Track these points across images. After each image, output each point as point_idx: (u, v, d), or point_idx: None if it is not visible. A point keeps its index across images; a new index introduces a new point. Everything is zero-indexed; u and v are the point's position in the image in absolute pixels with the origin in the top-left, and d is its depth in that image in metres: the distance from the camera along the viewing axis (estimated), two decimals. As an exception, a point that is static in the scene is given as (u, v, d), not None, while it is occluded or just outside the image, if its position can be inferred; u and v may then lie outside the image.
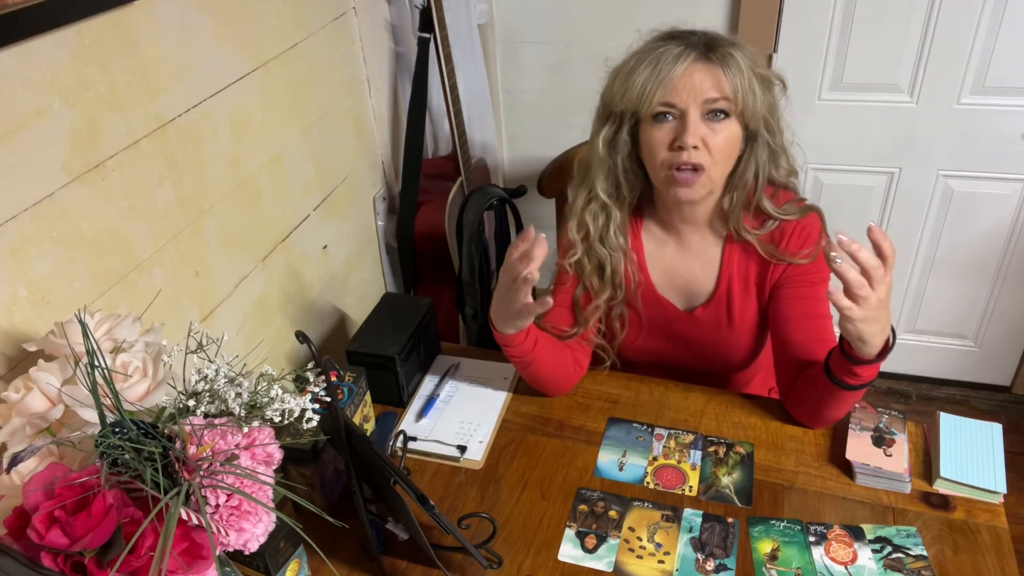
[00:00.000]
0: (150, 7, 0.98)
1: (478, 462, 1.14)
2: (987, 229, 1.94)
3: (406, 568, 0.99)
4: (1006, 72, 1.72)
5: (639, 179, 1.14)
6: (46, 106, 0.85)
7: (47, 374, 0.73)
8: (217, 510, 0.69)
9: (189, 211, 1.10)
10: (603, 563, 0.97)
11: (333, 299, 1.55)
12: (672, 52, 0.99)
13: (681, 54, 0.99)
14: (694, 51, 0.99)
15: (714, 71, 0.99)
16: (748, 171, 1.07)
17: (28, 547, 0.61)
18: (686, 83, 0.99)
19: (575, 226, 1.15)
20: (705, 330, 1.20)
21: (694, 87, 0.99)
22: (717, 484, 1.06)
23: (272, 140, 1.29)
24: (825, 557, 0.94)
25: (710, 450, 1.11)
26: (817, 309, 1.10)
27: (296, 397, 0.78)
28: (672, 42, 1.01)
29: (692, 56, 0.99)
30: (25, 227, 0.85)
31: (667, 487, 1.06)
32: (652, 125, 1.03)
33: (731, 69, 0.99)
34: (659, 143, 1.03)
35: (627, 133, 1.08)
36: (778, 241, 1.11)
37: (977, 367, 2.16)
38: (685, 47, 1.00)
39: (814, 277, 1.11)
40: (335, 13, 1.46)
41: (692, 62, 0.99)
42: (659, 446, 1.13)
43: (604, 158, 1.10)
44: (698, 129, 1.00)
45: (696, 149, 1.00)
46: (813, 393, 1.06)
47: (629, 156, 1.11)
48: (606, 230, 1.14)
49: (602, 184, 1.12)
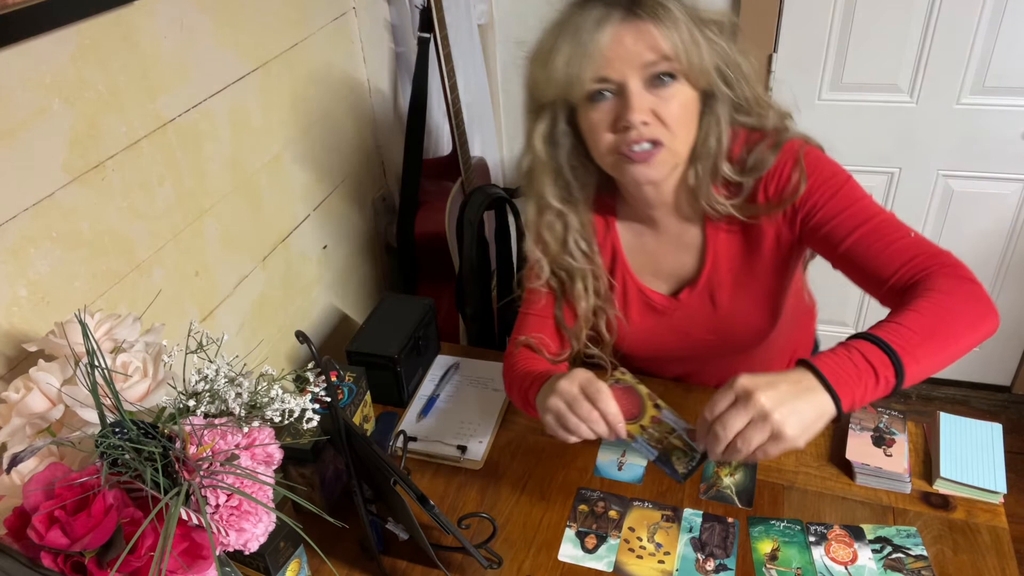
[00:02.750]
0: (150, 7, 0.98)
1: (478, 462, 1.14)
2: (987, 229, 1.94)
3: (406, 568, 0.99)
4: (1006, 72, 1.72)
5: (592, 173, 1.00)
6: (46, 106, 0.85)
7: (47, 374, 0.73)
8: (217, 510, 0.69)
9: (189, 211, 1.10)
10: (603, 563, 0.97)
11: (333, 299, 1.55)
12: (592, 16, 0.84)
13: (603, 17, 0.84)
14: (617, 9, 0.84)
15: (646, 29, 0.84)
16: (711, 136, 0.92)
17: (28, 547, 0.61)
18: (616, 50, 0.84)
19: (533, 242, 1.03)
20: (696, 314, 1.08)
21: (627, 53, 0.84)
22: (718, 484, 1.06)
23: (272, 140, 1.29)
24: (825, 557, 0.94)
25: (710, 450, 1.11)
26: (861, 215, 0.91)
27: (296, 397, 0.78)
28: (590, 4, 0.86)
29: (616, 16, 0.84)
30: (25, 227, 0.85)
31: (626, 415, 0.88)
32: (589, 107, 0.89)
33: (665, 22, 0.84)
34: (601, 126, 0.89)
35: (564, 123, 0.95)
36: (761, 196, 0.95)
37: (977, 367, 2.16)
38: (606, 7, 0.84)
39: (829, 189, 0.92)
40: (335, 13, 1.46)
41: (618, 24, 0.84)
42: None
43: (546, 159, 0.97)
44: (643, 101, 0.85)
45: (647, 125, 0.86)
46: None
47: (574, 150, 0.97)
48: (566, 240, 1.02)
49: (551, 189, 0.99)
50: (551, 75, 0.88)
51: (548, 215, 1.01)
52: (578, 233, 1.02)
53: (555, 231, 1.01)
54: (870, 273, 0.89)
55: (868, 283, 0.90)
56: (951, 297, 0.81)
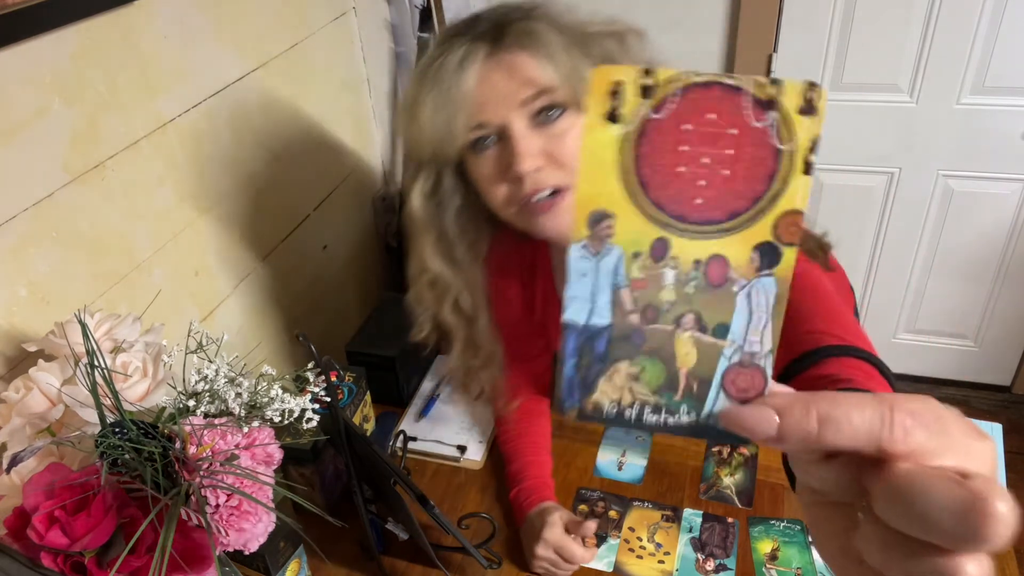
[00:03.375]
0: (150, 7, 0.98)
1: (478, 462, 1.14)
2: (987, 229, 1.94)
3: (406, 568, 0.99)
4: (1006, 72, 1.72)
5: (485, 231, 0.91)
6: (46, 106, 0.85)
7: (47, 374, 0.73)
8: (217, 510, 0.69)
9: (189, 211, 1.10)
10: (603, 563, 0.97)
11: (333, 299, 1.55)
12: (454, 58, 0.73)
13: (466, 56, 0.73)
14: (481, 45, 0.74)
15: (517, 61, 0.73)
16: None
17: (28, 547, 0.61)
18: (486, 91, 0.73)
19: (412, 300, 0.94)
20: None
21: (499, 92, 0.73)
22: (718, 484, 1.06)
23: (272, 140, 1.29)
24: (825, 557, 0.94)
25: (713, 450, 1.11)
26: None
27: (296, 397, 0.78)
28: (453, 43, 0.75)
29: (481, 53, 0.73)
30: (25, 227, 0.85)
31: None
32: (473, 158, 0.79)
33: (537, 50, 0.72)
34: (490, 178, 0.78)
35: (452, 178, 0.84)
36: None
37: (977, 367, 2.16)
38: (469, 43, 0.74)
39: None
40: (335, 13, 1.46)
41: (484, 60, 0.73)
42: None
43: (426, 221, 0.86)
44: (530, 144, 0.74)
45: (540, 171, 0.75)
46: None
47: (462, 210, 0.87)
48: (443, 302, 0.93)
49: (431, 251, 0.88)
50: (421, 131, 0.76)
51: (427, 276, 0.91)
52: (462, 294, 0.92)
53: (435, 291, 0.92)
54: None
55: None
56: None
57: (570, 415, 0.34)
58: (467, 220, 0.88)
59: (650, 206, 0.32)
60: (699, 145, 0.31)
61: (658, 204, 0.32)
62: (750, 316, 0.32)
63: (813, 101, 0.30)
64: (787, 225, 0.31)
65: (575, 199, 0.32)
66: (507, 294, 1.01)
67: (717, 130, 0.31)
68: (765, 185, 0.31)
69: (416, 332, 0.98)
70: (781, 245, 0.32)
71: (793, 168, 0.31)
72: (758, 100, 0.31)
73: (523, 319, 1.05)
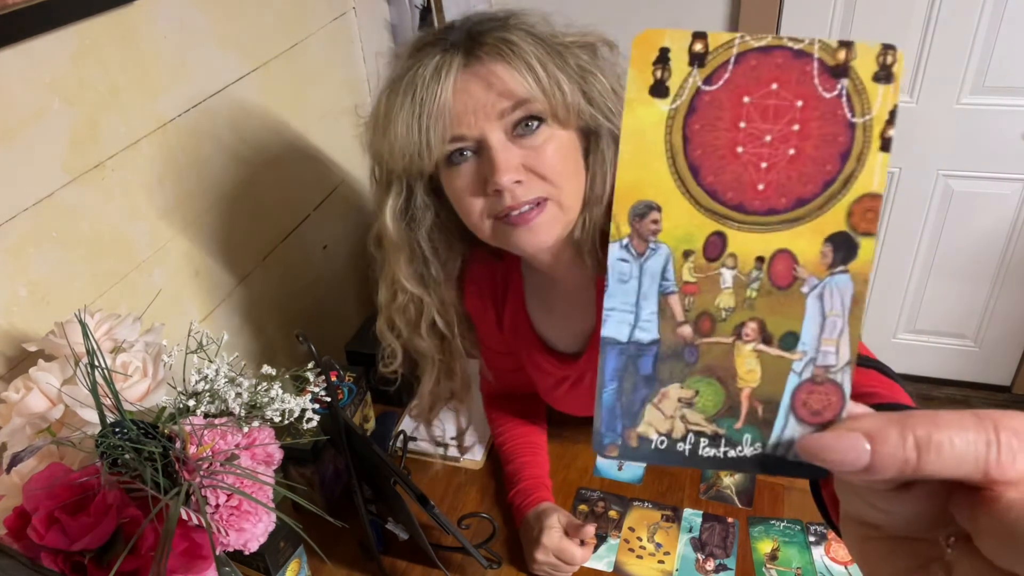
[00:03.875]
0: (150, 7, 0.98)
1: (478, 462, 1.14)
2: (987, 229, 1.94)
3: (406, 568, 0.99)
4: (1006, 72, 1.72)
5: (457, 249, 0.89)
6: (46, 106, 0.85)
7: (47, 374, 0.73)
8: (217, 510, 0.69)
9: (189, 211, 1.10)
10: (603, 563, 0.97)
11: (333, 299, 1.55)
12: (429, 67, 0.71)
13: (441, 65, 0.70)
14: (456, 54, 0.71)
15: (494, 72, 0.70)
16: (597, 178, 0.77)
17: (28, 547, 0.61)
18: (464, 102, 0.70)
19: (384, 326, 0.92)
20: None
21: (476, 103, 0.70)
22: (719, 484, 1.06)
23: (272, 140, 1.29)
24: (825, 557, 0.94)
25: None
26: None
27: (296, 397, 0.78)
28: (425, 52, 0.72)
29: (457, 62, 0.70)
30: (25, 227, 0.85)
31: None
32: (448, 172, 0.76)
33: (514, 61, 0.70)
34: (466, 192, 0.75)
35: (424, 195, 0.82)
36: None
37: (977, 367, 2.16)
38: (443, 53, 0.71)
39: None
40: (335, 13, 1.46)
41: (460, 71, 0.70)
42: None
43: (399, 239, 0.83)
44: (510, 157, 0.71)
45: (520, 184, 0.72)
46: None
47: (435, 226, 0.84)
48: (419, 324, 0.90)
49: (405, 271, 0.86)
50: (393, 144, 0.73)
51: (401, 298, 0.89)
52: (436, 313, 0.90)
53: (408, 315, 0.90)
54: None
55: None
56: None
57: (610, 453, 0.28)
58: (440, 238, 0.86)
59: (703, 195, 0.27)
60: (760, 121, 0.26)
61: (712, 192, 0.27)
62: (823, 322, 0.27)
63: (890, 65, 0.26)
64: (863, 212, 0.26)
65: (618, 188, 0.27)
66: (483, 313, 0.99)
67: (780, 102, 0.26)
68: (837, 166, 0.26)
69: (386, 364, 0.94)
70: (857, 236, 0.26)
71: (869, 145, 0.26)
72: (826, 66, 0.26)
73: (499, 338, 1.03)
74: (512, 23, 0.73)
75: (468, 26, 0.73)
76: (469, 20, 0.74)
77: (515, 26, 0.72)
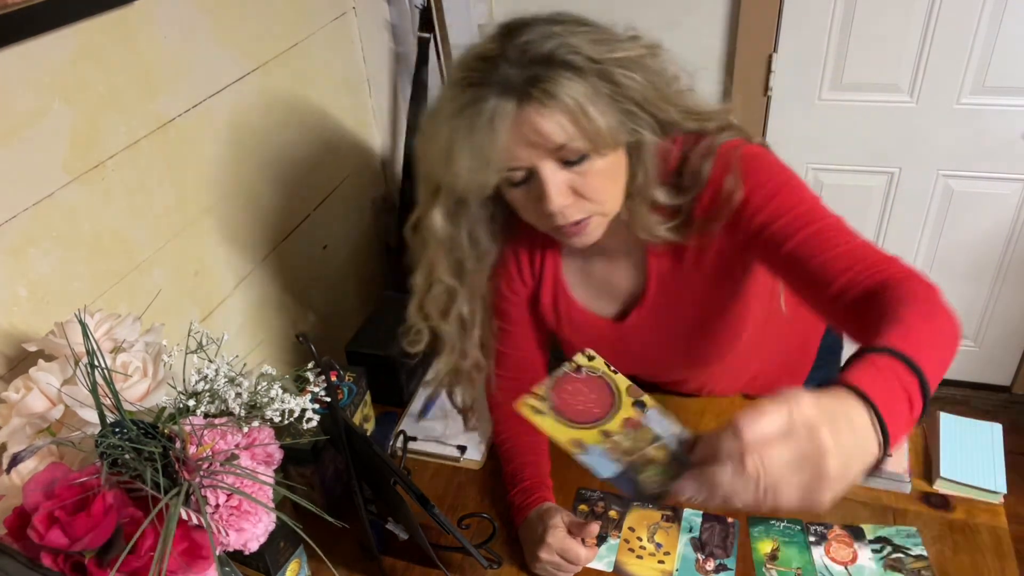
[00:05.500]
0: (150, 7, 0.98)
1: (478, 462, 1.14)
2: (987, 229, 1.94)
3: (406, 568, 0.99)
4: (1006, 72, 1.72)
5: (503, 232, 0.96)
6: (46, 106, 0.85)
7: (47, 374, 0.73)
8: (217, 510, 0.69)
9: (189, 211, 1.10)
10: (603, 563, 0.97)
11: (333, 299, 1.55)
12: (485, 113, 0.76)
13: (496, 112, 0.75)
14: (510, 100, 0.75)
15: (543, 116, 0.75)
16: (638, 174, 0.84)
17: (28, 547, 0.61)
18: (518, 141, 0.77)
19: (415, 310, 0.99)
20: (647, 334, 1.02)
21: (529, 142, 0.77)
22: (717, 484, 1.06)
23: (272, 140, 1.29)
24: (825, 557, 0.94)
25: (710, 450, 1.11)
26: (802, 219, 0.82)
27: (296, 397, 0.78)
28: (482, 94, 0.76)
29: (510, 109, 0.75)
30: (25, 227, 0.85)
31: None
32: (508, 188, 0.84)
33: (563, 107, 0.75)
34: (525, 204, 0.85)
35: (478, 205, 0.91)
36: (697, 211, 0.88)
37: (977, 367, 2.16)
38: (497, 99, 0.75)
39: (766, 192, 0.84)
40: (335, 13, 1.46)
41: (514, 116, 0.75)
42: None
43: (443, 235, 0.91)
44: (559, 183, 0.79)
45: (568, 206, 0.81)
46: None
47: (484, 219, 0.93)
48: (448, 312, 0.98)
49: (443, 265, 0.93)
50: (456, 178, 0.81)
51: (437, 289, 0.96)
52: (465, 303, 0.97)
53: (439, 303, 0.97)
54: (812, 278, 0.79)
55: (809, 290, 0.81)
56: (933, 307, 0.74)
57: None
58: (484, 231, 0.95)
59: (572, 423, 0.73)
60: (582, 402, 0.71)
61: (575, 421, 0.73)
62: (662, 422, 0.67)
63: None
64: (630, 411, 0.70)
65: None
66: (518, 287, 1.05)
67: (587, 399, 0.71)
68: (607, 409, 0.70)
69: (413, 343, 1.01)
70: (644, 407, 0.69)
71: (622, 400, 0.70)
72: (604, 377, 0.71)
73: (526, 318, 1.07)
74: (560, 56, 0.75)
75: (521, 64, 0.76)
76: (520, 54, 0.76)
77: (562, 60, 0.75)
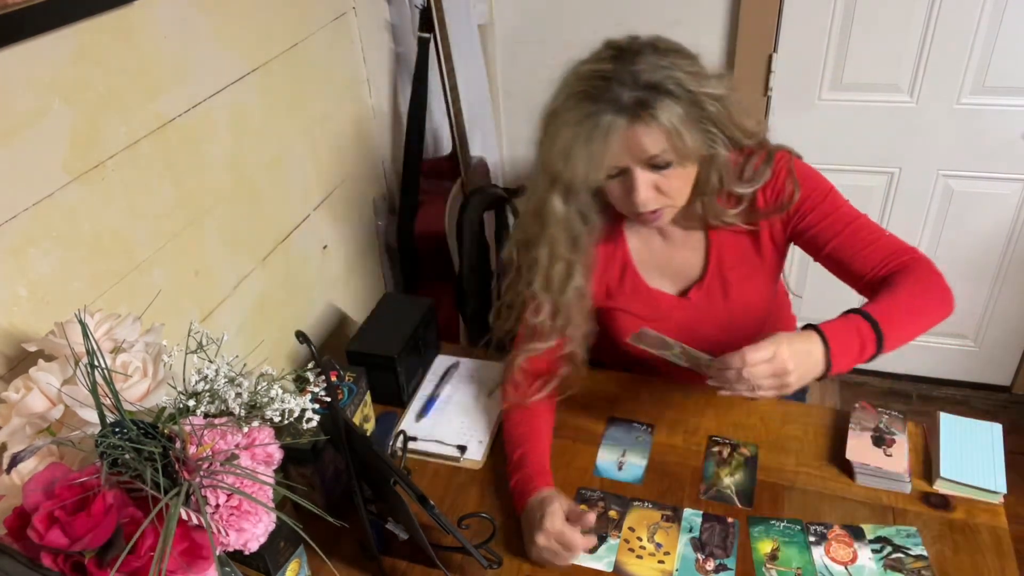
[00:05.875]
0: (150, 7, 0.98)
1: (478, 462, 1.14)
2: (987, 229, 1.94)
3: (406, 568, 0.99)
4: (1006, 72, 1.72)
5: (600, 214, 1.11)
6: (46, 106, 0.85)
7: (47, 374, 0.73)
8: (217, 510, 0.69)
9: (189, 211, 1.10)
10: (603, 563, 0.97)
11: (333, 299, 1.55)
12: (601, 126, 0.95)
13: (611, 126, 0.95)
14: (623, 117, 0.94)
15: (646, 135, 0.95)
16: (712, 176, 1.04)
17: (28, 547, 0.61)
18: (622, 148, 0.96)
19: (539, 286, 1.12)
20: (704, 311, 1.16)
21: (630, 151, 0.97)
22: (719, 484, 1.06)
23: (272, 140, 1.29)
24: (825, 557, 0.94)
25: (714, 450, 1.11)
26: (843, 220, 1.05)
27: (296, 397, 0.78)
28: (599, 107, 0.95)
29: (622, 124, 0.95)
30: (25, 227, 0.85)
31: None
32: (606, 180, 1.03)
33: (663, 128, 0.94)
34: (616, 196, 1.04)
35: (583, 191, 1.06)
36: (760, 202, 1.08)
37: (977, 367, 2.16)
38: (613, 115, 0.94)
39: (818, 197, 1.07)
40: (335, 13, 1.46)
41: (624, 130, 0.95)
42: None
43: (562, 217, 1.08)
44: (647, 186, 0.99)
45: (650, 201, 1.01)
46: None
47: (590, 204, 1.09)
48: (567, 283, 1.11)
49: (564, 242, 1.09)
50: (573, 174, 1.01)
51: (559, 264, 1.10)
52: (580, 275, 1.11)
53: (560, 276, 1.11)
54: (851, 270, 1.05)
55: (848, 278, 1.07)
56: (923, 283, 1.00)
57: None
58: (592, 209, 1.09)
59: None
60: None
61: None
62: None
63: None
64: None
65: None
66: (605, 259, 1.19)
67: None
68: None
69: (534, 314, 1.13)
70: None
71: None
72: None
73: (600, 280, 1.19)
74: (667, 85, 0.94)
75: (638, 86, 0.94)
76: (635, 79, 0.94)
77: (668, 89, 0.94)
